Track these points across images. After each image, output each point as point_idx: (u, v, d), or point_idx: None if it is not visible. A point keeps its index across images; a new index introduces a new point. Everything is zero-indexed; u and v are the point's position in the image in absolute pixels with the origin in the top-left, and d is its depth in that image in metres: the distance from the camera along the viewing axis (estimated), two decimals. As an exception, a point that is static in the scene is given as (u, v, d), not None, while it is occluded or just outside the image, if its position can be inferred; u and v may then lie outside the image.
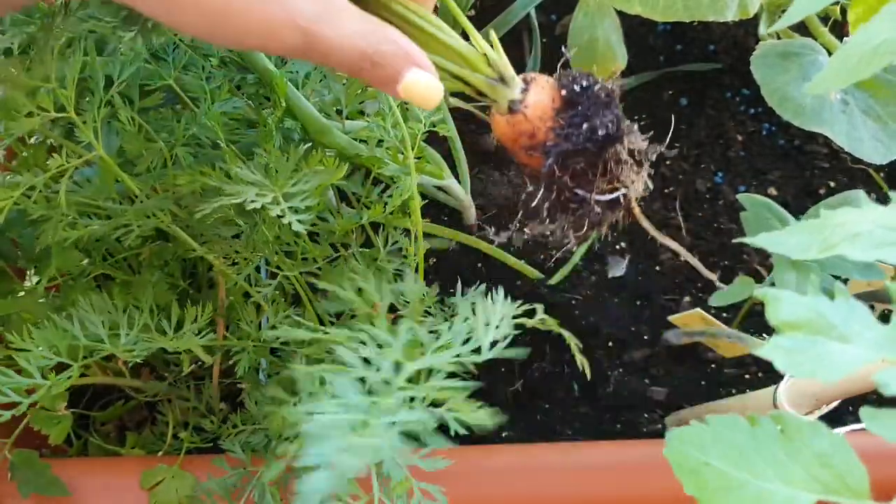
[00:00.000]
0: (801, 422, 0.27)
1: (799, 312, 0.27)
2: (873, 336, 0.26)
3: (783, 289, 0.60)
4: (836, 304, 0.28)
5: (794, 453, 0.26)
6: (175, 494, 0.58)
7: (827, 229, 0.31)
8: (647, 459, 0.64)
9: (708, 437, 0.28)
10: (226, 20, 0.36)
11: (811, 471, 0.26)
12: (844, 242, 0.29)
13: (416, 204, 0.54)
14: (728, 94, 0.98)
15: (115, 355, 0.51)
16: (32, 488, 0.56)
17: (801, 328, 0.27)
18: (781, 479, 0.26)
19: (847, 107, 0.72)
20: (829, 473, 0.25)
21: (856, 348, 0.26)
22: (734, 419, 0.28)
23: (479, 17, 0.96)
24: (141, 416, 0.73)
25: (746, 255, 0.88)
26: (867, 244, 0.29)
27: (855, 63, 0.36)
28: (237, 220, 0.53)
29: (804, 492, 0.25)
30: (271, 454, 0.57)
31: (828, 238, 0.30)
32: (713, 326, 0.74)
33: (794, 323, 0.27)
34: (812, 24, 0.79)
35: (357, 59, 0.37)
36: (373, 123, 0.55)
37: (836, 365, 0.26)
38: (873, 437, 0.32)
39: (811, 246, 0.30)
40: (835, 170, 0.94)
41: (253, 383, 0.60)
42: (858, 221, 0.30)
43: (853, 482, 0.25)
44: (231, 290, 0.60)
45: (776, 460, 0.26)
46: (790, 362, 0.26)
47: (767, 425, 0.27)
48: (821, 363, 0.26)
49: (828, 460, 0.25)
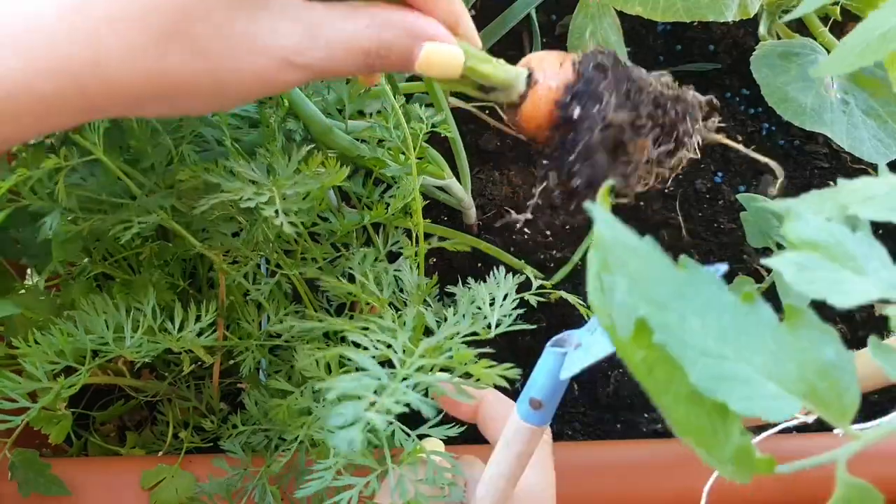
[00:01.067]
0: (813, 320, 0.24)
1: (819, 234, 0.26)
2: (889, 276, 0.25)
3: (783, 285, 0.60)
4: (859, 237, 0.26)
5: (791, 350, 0.23)
6: (175, 494, 0.58)
7: (842, 194, 0.30)
8: (648, 459, 0.64)
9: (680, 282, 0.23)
10: (225, 98, 0.36)
11: (807, 376, 0.23)
12: (859, 204, 0.28)
13: (417, 204, 0.54)
14: (728, 94, 0.98)
15: (116, 355, 0.51)
16: (32, 488, 0.56)
17: (819, 249, 0.26)
18: (769, 371, 0.23)
19: (847, 106, 0.72)
20: (827, 386, 0.23)
21: (871, 283, 0.25)
22: (717, 281, 0.24)
23: (478, 17, 0.95)
24: (141, 416, 0.73)
25: (746, 255, 0.89)
26: (881, 206, 0.28)
27: (862, 49, 0.36)
28: (238, 217, 0.53)
29: (793, 395, 0.23)
30: (272, 453, 0.57)
31: (843, 201, 0.29)
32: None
33: (813, 243, 0.26)
34: (812, 24, 0.79)
35: (363, 60, 0.36)
36: (375, 124, 0.55)
37: (849, 293, 0.24)
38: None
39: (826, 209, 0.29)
40: (835, 169, 0.94)
41: (253, 383, 0.60)
42: (874, 186, 0.29)
43: (846, 402, 0.23)
44: (231, 290, 0.60)
45: (766, 349, 0.23)
46: (801, 279, 0.24)
47: (763, 310, 0.24)
48: (833, 287, 0.24)
49: (828, 372, 0.23)
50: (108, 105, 0.33)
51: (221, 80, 0.34)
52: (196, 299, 0.55)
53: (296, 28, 0.34)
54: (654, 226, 0.90)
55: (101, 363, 0.50)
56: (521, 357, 0.84)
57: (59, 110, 0.32)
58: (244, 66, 0.34)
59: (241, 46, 0.34)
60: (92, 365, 0.49)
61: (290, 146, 0.49)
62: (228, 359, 0.60)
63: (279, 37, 0.34)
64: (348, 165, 0.60)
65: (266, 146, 0.51)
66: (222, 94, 0.35)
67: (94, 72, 0.32)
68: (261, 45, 0.34)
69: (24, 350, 0.48)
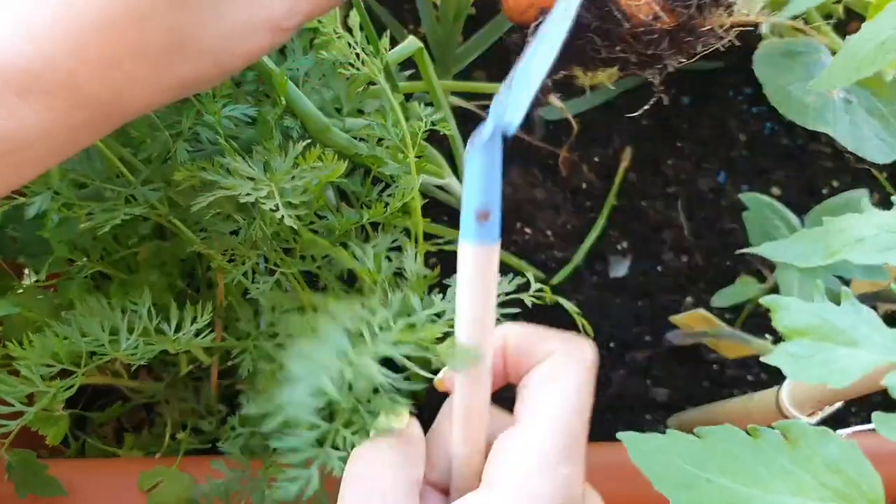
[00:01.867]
0: (806, 429, 0.26)
1: (805, 319, 0.27)
2: (881, 339, 0.26)
3: (787, 290, 0.60)
4: (843, 308, 0.27)
5: (801, 462, 0.25)
6: (173, 496, 0.57)
7: (830, 235, 0.31)
8: (649, 461, 0.63)
9: (703, 451, 0.27)
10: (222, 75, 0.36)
11: (821, 479, 0.25)
12: (847, 247, 0.29)
13: (416, 204, 0.54)
14: (730, 94, 0.97)
15: (112, 358, 0.50)
16: (30, 489, 0.56)
17: (808, 334, 0.27)
18: (790, 490, 0.25)
19: (850, 106, 0.72)
20: (841, 480, 0.24)
21: (864, 352, 0.26)
22: (730, 430, 0.27)
23: (479, 16, 0.95)
24: (139, 418, 0.73)
25: (748, 255, 0.88)
26: (871, 248, 0.28)
27: (860, 59, 0.35)
28: (235, 216, 0.53)
29: (817, 501, 0.24)
30: (270, 455, 0.56)
31: (831, 244, 0.30)
32: (715, 327, 0.74)
33: (801, 329, 0.27)
34: (815, 23, 0.79)
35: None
36: (373, 122, 0.55)
37: (846, 370, 0.25)
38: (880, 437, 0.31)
39: (815, 253, 0.30)
40: (838, 169, 0.94)
41: (252, 384, 0.60)
42: (861, 226, 0.30)
43: (867, 488, 0.24)
44: (230, 290, 0.60)
45: (783, 471, 0.25)
46: (798, 369, 0.26)
47: (770, 435, 0.27)
48: (830, 369, 0.26)
49: (838, 467, 0.25)
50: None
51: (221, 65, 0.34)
52: (194, 300, 0.54)
53: None
54: (656, 226, 0.89)
55: (97, 365, 0.50)
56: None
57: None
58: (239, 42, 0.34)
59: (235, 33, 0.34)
60: (88, 367, 0.49)
61: (288, 144, 0.48)
62: (227, 360, 0.60)
63: (267, 8, 0.34)
64: (347, 164, 0.60)
65: (263, 143, 0.50)
66: (220, 75, 0.36)
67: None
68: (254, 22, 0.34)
69: (19, 353, 0.48)
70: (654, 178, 0.92)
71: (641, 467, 0.27)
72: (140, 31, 0.30)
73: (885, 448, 0.63)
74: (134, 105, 0.33)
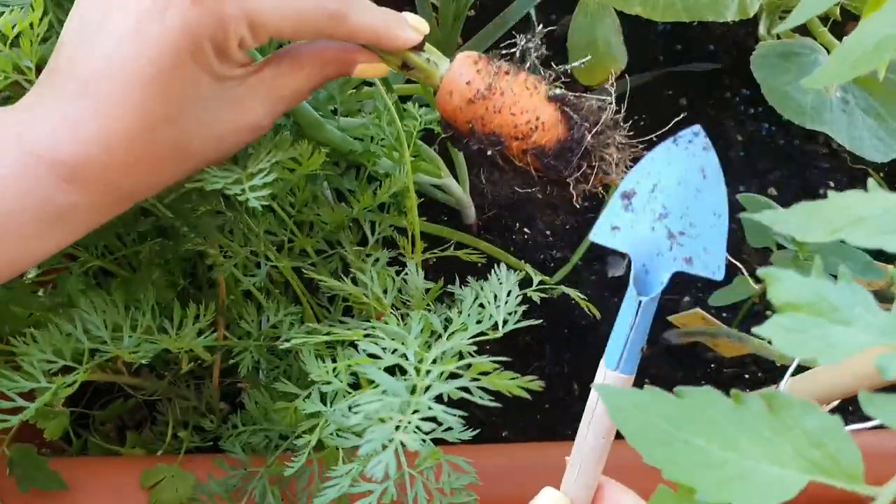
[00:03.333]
0: (791, 400, 0.26)
1: (801, 293, 0.27)
2: (876, 321, 0.25)
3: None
4: (840, 287, 0.27)
5: (783, 432, 0.25)
6: (175, 494, 0.58)
7: (832, 211, 0.29)
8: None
9: (682, 410, 0.27)
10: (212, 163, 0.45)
11: (802, 450, 0.25)
12: (849, 227, 0.28)
13: (412, 202, 0.54)
14: (728, 95, 0.98)
15: (114, 356, 0.51)
16: (31, 483, 0.56)
17: (803, 309, 0.26)
18: (769, 458, 0.25)
19: (847, 105, 0.72)
20: (822, 454, 0.24)
21: (859, 332, 0.25)
22: (712, 393, 0.27)
23: (478, 17, 0.96)
24: (140, 416, 0.73)
25: (746, 255, 0.88)
26: (873, 230, 0.27)
27: (856, 59, 0.35)
28: (225, 211, 0.53)
29: (795, 471, 0.24)
30: (272, 454, 0.57)
31: (832, 221, 0.28)
32: (713, 326, 0.74)
33: (796, 303, 0.26)
34: (812, 24, 0.79)
35: (319, 81, 0.46)
36: (368, 120, 0.55)
37: (838, 347, 0.25)
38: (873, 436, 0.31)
39: (814, 227, 0.29)
40: (835, 170, 0.94)
41: (253, 382, 0.60)
42: (864, 206, 0.29)
43: (847, 463, 0.24)
44: (231, 288, 0.60)
45: (763, 438, 0.25)
46: (790, 342, 0.25)
47: (754, 403, 0.26)
48: (822, 345, 0.25)
49: (820, 440, 0.24)
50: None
51: (212, 160, 0.44)
52: (196, 298, 0.54)
53: (259, 106, 0.43)
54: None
55: (99, 362, 0.50)
56: (522, 353, 0.84)
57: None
58: (227, 148, 0.44)
59: (224, 138, 0.42)
60: (90, 364, 0.49)
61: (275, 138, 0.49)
62: (228, 358, 0.60)
63: (250, 115, 0.43)
64: (340, 161, 0.60)
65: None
66: (211, 164, 0.45)
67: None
68: (238, 128, 0.43)
69: (21, 348, 0.48)
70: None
71: (616, 422, 0.27)
72: (151, 143, 0.39)
73: (879, 447, 0.63)
74: (145, 193, 0.43)
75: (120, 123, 0.38)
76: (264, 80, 0.43)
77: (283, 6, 0.39)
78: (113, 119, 0.38)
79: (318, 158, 0.48)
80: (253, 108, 0.43)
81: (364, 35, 0.43)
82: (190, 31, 0.37)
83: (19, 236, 0.38)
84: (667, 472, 0.25)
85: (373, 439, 0.36)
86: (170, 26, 0.37)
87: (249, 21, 0.39)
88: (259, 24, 0.39)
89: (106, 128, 0.37)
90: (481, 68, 0.47)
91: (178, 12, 0.37)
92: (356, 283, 0.52)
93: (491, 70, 0.47)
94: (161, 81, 0.38)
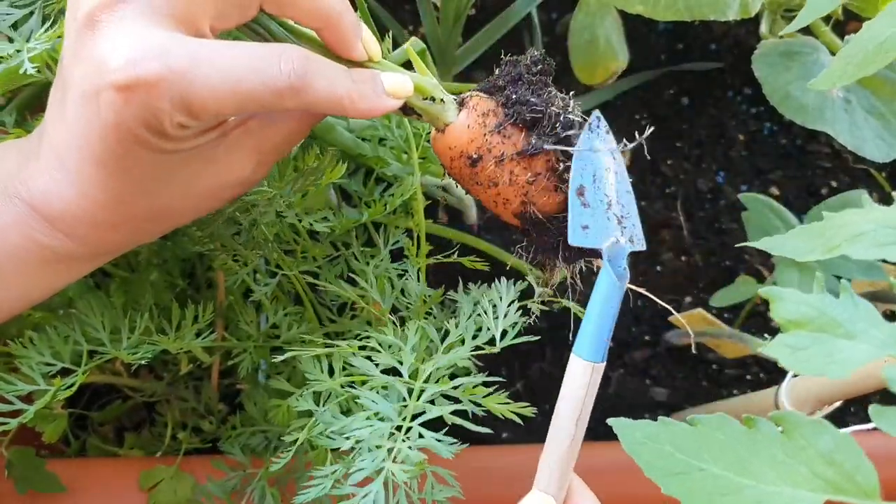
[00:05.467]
0: (802, 420, 0.26)
1: (803, 310, 0.27)
2: (879, 333, 0.26)
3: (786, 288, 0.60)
4: (841, 301, 0.27)
5: (796, 453, 0.25)
6: (174, 495, 0.57)
7: (829, 230, 0.30)
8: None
9: (696, 439, 0.27)
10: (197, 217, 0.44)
11: (816, 470, 0.25)
12: (847, 243, 0.29)
13: (419, 204, 0.54)
14: (729, 94, 0.97)
15: (113, 357, 0.50)
16: (29, 484, 0.56)
17: (806, 326, 0.27)
18: (785, 480, 0.25)
19: (849, 105, 0.72)
20: (836, 472, 0.24)
21: (862, 345, 0.26)
22: (724, 419, 0.27)
23: (479, 16, 0.95)
24: (139, 417, 0.73)
25: (748, 254, 0.88)
26: (870, 244, 0.28)
27: (860, 60, 0.35)
28: (239, 219, 0.53)
29: (810, 492, 0.24)
30: (271, 455, 0.56)
31: (830, 239, 0.30)
32: (714, 327, 0.74)
33: (799, 321, 0.27)
34: (814, 23, 0.79)
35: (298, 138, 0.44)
36: (376, 122, 0.55)
37: (843, 362, 0.25)
38: (879, 437, 0.31)
39: (814, 248, 0.30)
40: (836, 169, 0.94)
41: (252, 384, 0.60)
42: (861, 222, 0.29)
43: (862, 480, 0.24)
44: (230, 290, 0.60)
45: (777, 461, 0.25)
46: (796, 360, 0.26)
47: (765, 426, 0.27)
48: (827, 361, 0.25)
49: (833, 458, 0.25)
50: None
51: (195, 216, 0.43)
52: (194, 299, 0.54)
53: (245, 160, 0.41)
54: (655, 226, 0.89)
55: (98, 364, 0.50)
56: (521, 359, 0.83)
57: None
58: (211, 205, 0.43)
59: (207, 195, 0.42)
60: (89, 366, 0.49)
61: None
62: (227, 359, 0.60)
63: (235, 172, 0.41)
64: (349, 164, 0.60)
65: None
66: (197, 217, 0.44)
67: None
68: (222, 185, 0.42)
69: (20, 351, 0.48)
70: (653, 178, 0.92)
71: (632, 454, 0.27)
72: (127, 210, 0.40)
73: (884, 448, 0.63)
74: (129, 247, 0.44)
75: (90, 198, 0.39)
76: (251, 132, 0.41)
77: (218, 90, 0.37)
78: (84, 194, 0.39)
79: (340, 170, 0.48)
80: (238, 163, 0.41)
81: (326, 107, 0.40)
82: (121, 123, 0.36)
83: (19, 277, 0.41)
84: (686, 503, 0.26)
85: (363, 468, 0.37)
86: (103, 116, 0.37)
87: (185, 108, 0.37)
88: (197, 109, 0.37)
89: (84, 196, 0.39)
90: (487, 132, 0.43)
91: (108, 105, 0.36)
92: (356, 285, 0.52)
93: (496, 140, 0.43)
94: (115, 160, 0.38)
